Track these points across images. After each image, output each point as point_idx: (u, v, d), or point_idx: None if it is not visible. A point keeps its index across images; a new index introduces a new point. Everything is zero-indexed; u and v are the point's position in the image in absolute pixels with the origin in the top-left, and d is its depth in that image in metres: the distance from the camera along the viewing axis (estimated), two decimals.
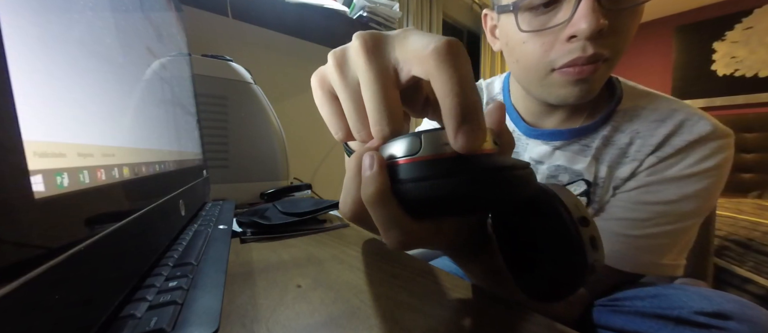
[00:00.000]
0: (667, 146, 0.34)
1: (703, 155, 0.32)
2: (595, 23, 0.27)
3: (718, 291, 0.28)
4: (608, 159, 0.36)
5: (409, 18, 1.54)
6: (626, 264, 0.34)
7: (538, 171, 0.40)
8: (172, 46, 0.43)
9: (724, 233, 0.93)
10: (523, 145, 0.43)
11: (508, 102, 0.44)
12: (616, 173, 0.36)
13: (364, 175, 0.15)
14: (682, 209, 0.33)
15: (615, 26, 0.29)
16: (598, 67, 0.31)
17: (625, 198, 0.35)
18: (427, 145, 0.14)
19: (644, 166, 0.34)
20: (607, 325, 0.30)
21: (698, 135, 0.33)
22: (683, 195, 0.32)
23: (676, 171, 0.33)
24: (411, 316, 0.25)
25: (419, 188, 0.14)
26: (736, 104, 2.14)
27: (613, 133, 0.36)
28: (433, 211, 0.16)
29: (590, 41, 0.29)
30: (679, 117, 0.34)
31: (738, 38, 2.12)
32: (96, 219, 0.16)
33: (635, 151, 0.35)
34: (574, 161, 0.38)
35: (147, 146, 0.28)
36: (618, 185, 0.36)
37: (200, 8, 0.94)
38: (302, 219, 0.50)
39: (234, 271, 0.32)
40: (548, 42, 0.32)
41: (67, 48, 0.16)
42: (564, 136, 0.38)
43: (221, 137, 0.69)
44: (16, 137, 0.11)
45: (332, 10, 1.07)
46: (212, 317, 0.19)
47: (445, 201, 0.14)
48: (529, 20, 0.32)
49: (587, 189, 0.37)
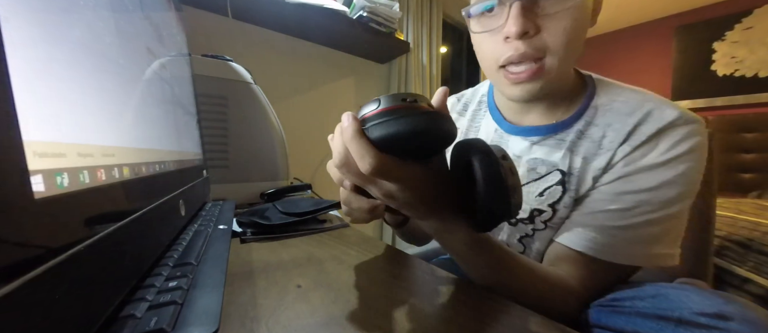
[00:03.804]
0: (637, 135, 0.35)
1: (675, 141, 0.34)
2: (520, 26, 0.33)
3: (718, 291, 0.28)
4: (583, 151, 0.38)
5: (409, 18, 1.54)
6: (619, 256, 0.34)
7: (519, 164, 0.42)
8: (172, 46, 0.43)
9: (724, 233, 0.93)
10: (504, 142, 0.45)
11: (491, 102, 0.49)
12: (592, 164, 0.37)
13: (343, 126, 0.23)
14: (664, 196, 0.33)
15: (548, 28, 0.33)
16: (536, 70, 0.35)
17: (607, 190, 0.36)
18: (384, 101, 0.22)
19: (618, 156, 0.36)
20: (607, 325, 0.29)
21: (666, 122, 0.34)
22: (663, 181, 0.33)
23: (651, 158, 0.34)
24: (411, 316, 0.25)
25: (379, 127, 0.22)
26: (736, 104, 2.13)
27: (587, 127, 0.39)
28: (391, 143, 0.22)
29: (521, 41, 0.34)
30: (648, 107, 0.36)
31: (738, 38, 2.11)
32: (96, 219, 0.16)
33: (608, 142, 0.37)
34: (550, 154, 0.40)
35: (147, 146, 0.28)
36: (597, 176, 0.37)
37: (200, 8, 0.94)
38: (302, 219, 0.50)
39: (234, 271, 0.32)
40: (494, 41, 0.37)
41: (67, 48, 0.16)
42: (541, 132, 0.41)
43: (221, 137, 0.69)
44: (16, 137, 0.11)
45: (332, 10, 1.06)
46: (212, 317, 0.19)
47: (397, 135, 0.21)
48: (481, 23, 0.38)
49: (562, 178, 0.39)
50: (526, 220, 0.42)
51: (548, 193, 0.40)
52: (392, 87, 1.55)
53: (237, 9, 0.94)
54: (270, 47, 1.14)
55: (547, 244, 0.41)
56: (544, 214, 0.40)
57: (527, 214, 0.42)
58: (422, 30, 1.60)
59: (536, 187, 0.41)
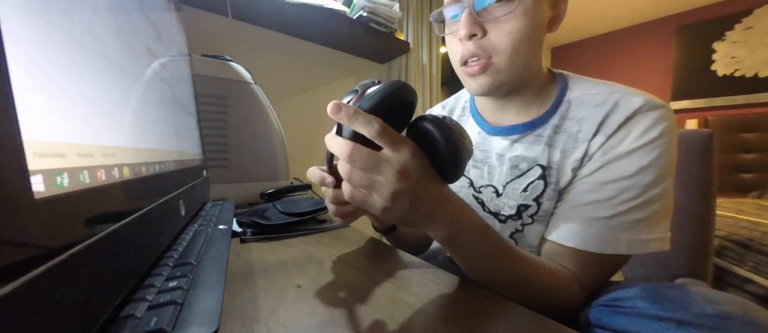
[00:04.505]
0: (607, 125, 0.38)
1: (645, 127, 0.36)
2: (467, 29, 0.39)
3: (720, 292, 0.28)
4: (561, 144, 0.41)
5: (409, 18, 1.54)
6: (609, 246, 0.35)
7: (502, 162, 0.46)
8: (172, 46, 0.43)
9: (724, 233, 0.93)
10: (487, 143, 0.48)
11: (473, 107, 0.52)
12: (570, 157, 0.40)
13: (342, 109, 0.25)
14: (643, 182, 0.35)
15: (494, 30, 0.38)
16: (487, 65, 0.40)
17: (588, 181, 0.38)
18: (361, 86, 0.29)
19: (593, 147, 0.38)
20: (608, 325, 0.29)
21: (632, 109, 0.36)
22: (639, 167, 0.35)
23: (625, 146, 0.36)
24: (411, 316, 0.25)
25: (370, 99, 0.26)
26: (736, 104, 2.13)
27: (562, 121, 0.41)
28: (381, 106, 0.26)
29: (470, 41, 0.40)
30: (615, 98, 0.38)
31: (738, 38, 2.11)
32: (96, 219, 0.16)
33: (583, 135, 0.39)
34: (529, 150, 0.43)
35: (147, 146, 0.28)
36: (575, 167, 0.39)
37: (200, 8, 0.94)
38: (302, 219, 0.50)
39: (234, 271, 0.32)
40: (456, 43, 0.42)
41: (67, 48, 0.16)
42: (519, 130, 0.44)
43: (221, 137, 0.69)
44: (16, 137, 0.11)
45: (332, 10, 1.06)
46: (212, 317, 0.19)
47: (385, 97, 0.26)
48: (449, 28, 0.44)
49: (543, 172, 0.41)
50: (514, 216, 0.44)
51: (531, 188, 0.42)
52: None
53: (237, 9, 0.93)
54: (270, 47, 1.14)
55: (538, 239, 0.43)
56: (530, 209, 0.42)
57: (514, 210, 0.44)
58: (422, 30, 1.60)
59: (520, 184, 0.43)
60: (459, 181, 0.50)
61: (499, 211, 0.46)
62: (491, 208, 0.47)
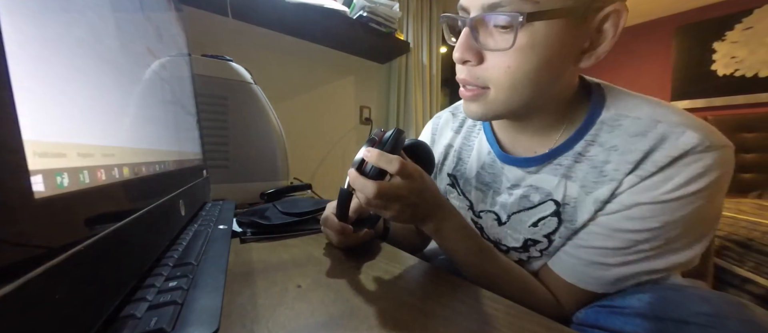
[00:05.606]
0: (647, 163, 0.30)
1: (692, 174, 0.28)
2: (459, 53, 0.33)
3: (717, 292, 0.28)
4: (581, 177, 0.34)
5: (409, 18, 1.53)
6: (607, 286, 0.33)
7: (513, 194, 0.40)
8: (172, 46, 0.43)
9: (724, 233, 0.93)
10: (497, 167, 0.42)
11: (487, 125, 0.45)
12: (593, 194, 0.33)
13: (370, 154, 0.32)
14: (667, 235, 0.29)
15: (491, 60, 0.32)
16: (476, 93, 0.34)
17: (603, 222, 0.32)
18: (374, 134, 0.35)
19: (624, 186, 0.31)
20: (606, 325, 0.29)
21: (683, 150, 0.28)
22: (668, 222, 0.29)
23: (659, 194, 0.29)
24: (411, 316, 0.25)
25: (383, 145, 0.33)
26: (736, 104, 2.13)
27: (587, 147, 0.34)
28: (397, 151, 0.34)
29: (464, 67, 0.34)
30: (661, 129, 0.30)
31: (738, 38, 2.11)
32: (96, 219, 0.16)
33: (613, 170, 0.31)
34: (543, 181, 0.37)
35: (147, 146, 0.28)
36: (599, 209, 0.33)
37: (200, 8, 0.94)
38: (302, 219, 0.50)
39: (234, 271, 0.32)
40: None
41: (67, 48, 0.16)
42: (537, 162, 0.37)
43: (221, 137, 0.69)
44: (16, 137, 0.11)
45: (332, 10, 1.06)
46: (212, 317, 0.19)
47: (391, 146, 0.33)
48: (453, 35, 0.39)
49: (557, 209, 0.35)
50: (519, 248, 0.40)
51: (543, 224, 0.37)
52: (392, 87, 1.55)
53: (237, 9, 0.94)
54: (270, 47, 1.14)
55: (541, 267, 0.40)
56: (540, 245, 0.38)
57: (520, 243, 0.39)
58: (422, 30, 1.60)
59: (528, 217, 0.38)
60: (458, 203, 0.47)
61: (500, 240, 0.41)
62: (490, 237, 0.43)
